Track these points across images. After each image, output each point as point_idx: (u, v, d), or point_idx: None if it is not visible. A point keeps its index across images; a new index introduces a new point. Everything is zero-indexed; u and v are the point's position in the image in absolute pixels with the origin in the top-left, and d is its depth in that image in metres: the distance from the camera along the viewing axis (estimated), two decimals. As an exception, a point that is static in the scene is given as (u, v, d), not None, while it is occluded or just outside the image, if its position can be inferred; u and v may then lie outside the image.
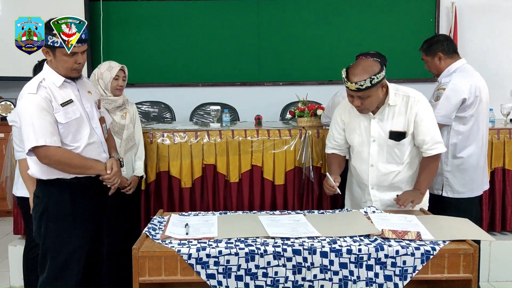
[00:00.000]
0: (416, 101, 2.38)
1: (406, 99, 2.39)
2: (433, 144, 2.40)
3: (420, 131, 2.39)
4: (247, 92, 5.11)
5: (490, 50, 5.07)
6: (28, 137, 2.11)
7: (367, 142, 2.43)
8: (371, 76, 2.22)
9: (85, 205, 2.26)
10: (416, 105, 2.37)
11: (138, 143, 3.00)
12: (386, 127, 2.40)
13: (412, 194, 2.39)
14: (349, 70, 2.28)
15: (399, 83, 5.18)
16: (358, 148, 2.48)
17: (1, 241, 4.09)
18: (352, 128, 2.47)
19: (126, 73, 2.92)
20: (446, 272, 1.94)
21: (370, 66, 2.26)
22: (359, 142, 2.46)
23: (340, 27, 5.10)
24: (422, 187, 2.39)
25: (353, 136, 2.48)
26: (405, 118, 2.38)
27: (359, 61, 2.34)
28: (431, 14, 5.07)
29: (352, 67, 2.29)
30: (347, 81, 2.26)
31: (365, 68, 2.25)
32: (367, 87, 2.23)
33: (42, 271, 2.23)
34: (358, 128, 2.45)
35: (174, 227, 2.14)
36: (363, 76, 2.22)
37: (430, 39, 3.01)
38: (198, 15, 5.08)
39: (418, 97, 2.40)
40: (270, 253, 1.90)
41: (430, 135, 2.39)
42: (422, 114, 2.37)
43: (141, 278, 1.91)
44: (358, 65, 2.28)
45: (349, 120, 2.48)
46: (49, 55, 2.17)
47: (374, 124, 2.40)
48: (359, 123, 2.44)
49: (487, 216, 3.42)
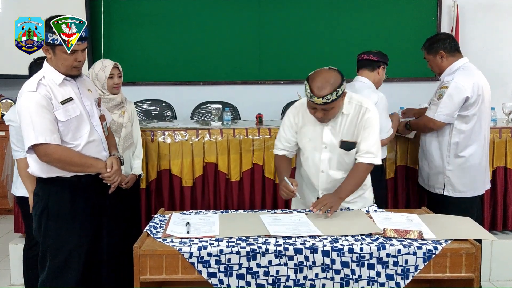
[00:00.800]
0: (368, 111, 2.33)
1: (359, 108, 2.34)
2: (365, 152, 2.34)
3: (359, 138, 2.35)
4: (248, 91, 5.10)
5: (492, 48, 5.05)
6: (28, 135, 2.10)
7: (319, 148, 2.39)
8: (335, 89, 2.16)
9: (85, 203, 2.25)
10: (366, 114, 2.33)
11: (136, 141, 2.99)
12: (338, 135, 2.37)
13: (331, 199, 2.27)
14: (312, 84, 2.18)
15: (401, 82, 5.20)
16: (309, 153, 2.44)
17: (2, 240, 4.09)
18: (304, 132, 2.42)
19: (121, 70, 2.88)
20: (448, 271, 1.93)
21: (333, 77, 2.19)
22: (310, 148, 2.42)
23: (341, 26, 5.08)
24: (343, 193, 2.31)
25: (305, 141, 2.43)
26: (355, 127, 2.34)
27: (320, 73, 2.22)
28: (432, 13, 5.05)
29: (314, 80, 2.18)
30: (312, 95, 2.18)
31: (329, 80, 2.17)
32: (333, 100, 2.18)
33: (42, 269, 2.23)
34: (311, 133, 2.39)
35: (175, 225, 2.14)
36: (329, 89, 2.16)
37: (432, 37, 3.00)
38: (199, 13, 5.06)
39: (370, 106, 2.35)
40: (271, 252, 1.90)
41: (366, 144, 2.33)
42: (368, 123, 2.32)
43: (142, 277, 1.91)
44: (321, 78, 2.18)
45: (302, 124, 2.42)
46: (49, 53, 2.17)
47: (327, 131, 2.36)
48: (312, 129, 2.39)
49: (489, 215, 3.41)
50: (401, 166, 3.39)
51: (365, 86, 2.98)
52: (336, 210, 2.28)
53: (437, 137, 2.89)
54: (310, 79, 2.22)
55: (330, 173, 2.42)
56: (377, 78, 3.03)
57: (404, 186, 3.42)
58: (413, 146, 3.33)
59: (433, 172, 2.92)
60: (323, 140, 2.37)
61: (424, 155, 2.99)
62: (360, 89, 2.97)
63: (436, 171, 2.91)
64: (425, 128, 2.92)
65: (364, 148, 2.34)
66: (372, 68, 3.01)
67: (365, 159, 2.35)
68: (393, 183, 3.40)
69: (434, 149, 2.90)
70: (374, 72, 3.01)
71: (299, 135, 2.44)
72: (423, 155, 3.00)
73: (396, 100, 3.97)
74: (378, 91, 2.97)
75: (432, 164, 2.92)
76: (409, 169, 3.39)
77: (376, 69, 3.01)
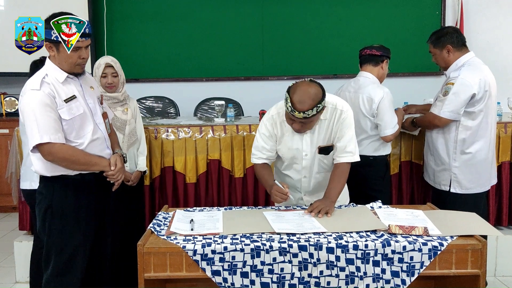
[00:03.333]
0: (342, 112, 2.33)
1: (334, 110, 2.34)
2: (343, 152, 2.36)
3: (335, 138, 2.36)
4: (251, 87, 5.08)
5: (496, 42, 5.00)
6: (32, 134, 2.09)
7: (300, 156, 2.40)
8: (316, 104, 2.15)
9: (88, 201, 2.25)
10: (342, 115, 2.33)
11: (140, 138, 2.99)
12: (316, 141, 2.37)
13: (324, 203, 2.28)
14: (293, 97, 2.16)
15: (405, 77, 5.17)
16: (289, 161, 2.45)
17: (7, 237, 4.10)
18: (283, 142, 2.41)
19: (117, 69, 2.82)
20: (454, 267, 1.92)
21: (315, 93, 2.16)
22: (291, 156, 2.42)
23: (344, 20, 5.05)
24: (332, 195, 2.32)
25: (285, 150, 2.42)
26: (332, 131, 2.35)
27: (302, 86, 2.18)
28: (437, 7, 5.01)
29: (296, 94, 2.16)
30: (293, 110, 2.16)
31: (311, 96, 2.14)
32: (313, 115, 2.17)
33: (46, 267, 2.23)
34: (290, 142, 2.39)
35: (179, 223, 2.13)
36: (310, 104, 2.14)
37: (439, 31, 2.96)
38: (201, 9, 5.04)
39: (344, 107, 2.35)
40: (275, 249, 1.89)
41: (343, 144, 2.34)
42: (344, 124, 2.33)
43: (146, 274, 1.90)
44: (302, 92, 2.16)
45: (281, 135, 2.40)
46: (52, 50, 2.15)
47: (306, 140, 2.37)
48: (290, 138, 2.38)
49: (494, 211, 3.40)
50: (405, 161, 3.37)
51: (370, 81, 2.97)
52: (331, 212, 2.26)
53: (443, 133, 2.86)
54: (291, 91, 2.19)
55: (312, 177, 2.45)
56: (381, 73, 3.01)
57: (409, 181, 3.40)
58: (418, 142, 3.31)
59: (439, 169, 2.90)
60: (303, 149, 2.39)
61: (430, 151, 2.97)
62: (365, 85, 2.95)
63: (442, 168, 2.89)
64: (431, 125, 2.90)
65: (342, 148, 2.36)
66: (376, 63, 2.98)
67: (344, 159, 2.37)
68: (398, 179, 3.39)
69: (440, 146, 2.88)
70: (377, 66, 2.99)
71: (278, 144, 2.43)
72: (429, 151, 2.98)
73: (400, 95, 3.95)
74: (383, 86, 2.95)
75: (438, 160, 2.90)
76: (413, 164, 3.37)
77: (380, 63, 2.99)
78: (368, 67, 3.00)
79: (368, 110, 2.91)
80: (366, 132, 2.96)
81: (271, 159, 2.48)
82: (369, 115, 2.92)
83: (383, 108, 2.87)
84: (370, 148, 2.98)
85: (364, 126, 2.95)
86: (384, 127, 2.89)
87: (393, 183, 3.36)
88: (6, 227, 4.37)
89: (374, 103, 2.87)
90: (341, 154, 2.36)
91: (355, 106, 2.98)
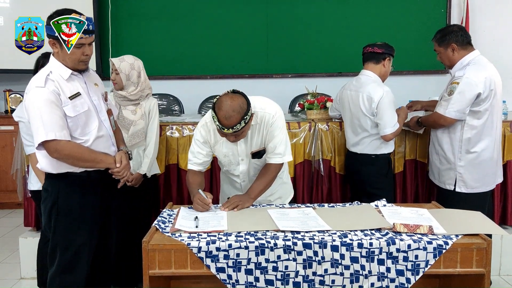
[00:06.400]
0: (272, 116, 2.34)
1: (263, 115, 2.35)
2: (273, 153, 2.38)
3: (266, 140, 2.39)
4: (256, 85, 5.07)
5: (502, 40, 4.98)
6: (38, 131, 2.09)
7: (236, 162, 2.45)
8: (243, 117, 2.16)
9: (94, 198, 2.25)
10: (271, 119, 2.34)
11: (150, 140, 2.90)
12: (250, 145, 2.41)
13: (241, 199, 2.33)
14: (219, 114, 2.15)
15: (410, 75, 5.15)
16: (227, 167, 2.51)
17: (12, 233, 4.12)
18: (218, 149, 2.44)
19: (117, 67, 2.80)
20: (459, 266, 1.92)
21: (239, 105, 2.15)
22: (227, 162, 2.47)
23: (349, 18, 5.03)
24: (253, 193, 2.37)
25: (221, 157, 2.46)
26: (263, 135, 2.38)
27: (225, 101, 2.16)
28: (442, 5, 4.99)
29: (221, 110, 2.15)
30: (222, 126, 2.16)
31: (235, 109, 2.14)
32: (242, 127, 2.18)
33: (52, 264, 2.24)
34: (225, 149, 2.42)
35: (184, 220, 2.14)
36: (237, 118, 2.14)
37: (444, 29, 2.94)
38: (206, 7, 5.04)
39: (273, 111, 2.36)
40: (280, 247, 1.89)
41: (272, 145, 2.37)
42: (272, 127, 2.35)
43: (151, 271, 1.91)
44: (226, 108, 2.14)
45: (214, 142, 2.43)
46: (56, 47, 2.15)
47: (241, 145, 2.40)
48: (225, 145, 2.41)
49: (499, 209, 3.38)
50: (410, 160, 3.36)
51: (371, 80, 2.96)
52: (244, 207, 2.32)
53: (448, 133, 2.85)
54: (216, 108, 2.19)
55: (250, 181, 2.49)
56: (383, 71, 3.00)
57: (413, 180, 3.39)
58: (423, 140, 3.30)
59: (444, 168, 2.89)
60: (238, 153, 2.43)
61: (435, 150, 2.96)
62: (366, 83, 2.95)
63: (447, 167, 2.88)
64: (436, 124, 2.88)
65: (272, 149, 2.39)
66: (377, 61, 2.97)
67: (273, 160, 2.41)
68: (402, 177, 3.38)
69: (445, 145, 2.87)
70: (379, 64, 2.98)
71: (214, 151, 2.47)
72: (434, 150, 2.97)
73: (404, 93, 3.94)
74: (383, 85, 2.94)
75: (444, 159, 2.89)
76: (418, 163, 3.36)
77: (382, 61, 2.98)
78: (370, 65, 2.99)
79: (368, 109, 2.91)
80: (366, 131, 2.96)
81: (206, 164, 2.51)
82: (369, 114, 2.92)
83: (382, 107, 2.86)
84: (372, 147, 2.98)
85: (364, 125, 2.95)
86: (384, 126, 2.88)
87: (397, 181, 3.35)
88: (11, 224, 4.39)
89: (374, 102, 2.87)
90: (271, 155, 2.40)
91: (355, 105, 2.98)
